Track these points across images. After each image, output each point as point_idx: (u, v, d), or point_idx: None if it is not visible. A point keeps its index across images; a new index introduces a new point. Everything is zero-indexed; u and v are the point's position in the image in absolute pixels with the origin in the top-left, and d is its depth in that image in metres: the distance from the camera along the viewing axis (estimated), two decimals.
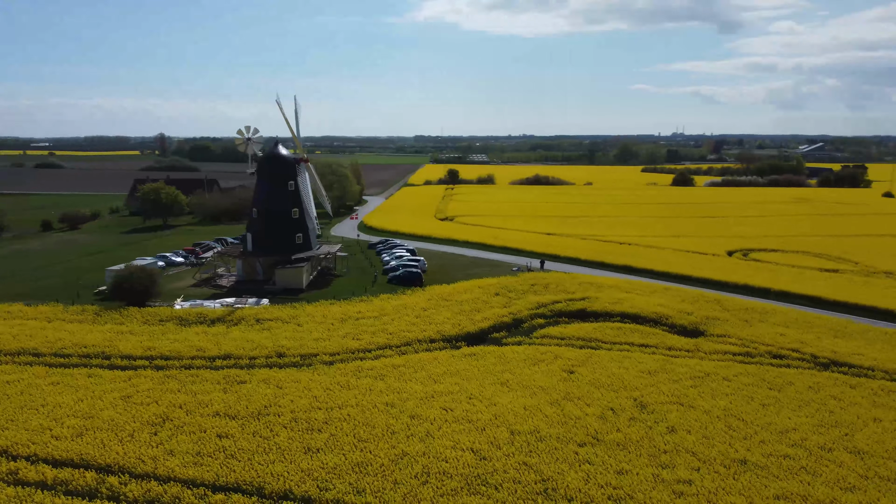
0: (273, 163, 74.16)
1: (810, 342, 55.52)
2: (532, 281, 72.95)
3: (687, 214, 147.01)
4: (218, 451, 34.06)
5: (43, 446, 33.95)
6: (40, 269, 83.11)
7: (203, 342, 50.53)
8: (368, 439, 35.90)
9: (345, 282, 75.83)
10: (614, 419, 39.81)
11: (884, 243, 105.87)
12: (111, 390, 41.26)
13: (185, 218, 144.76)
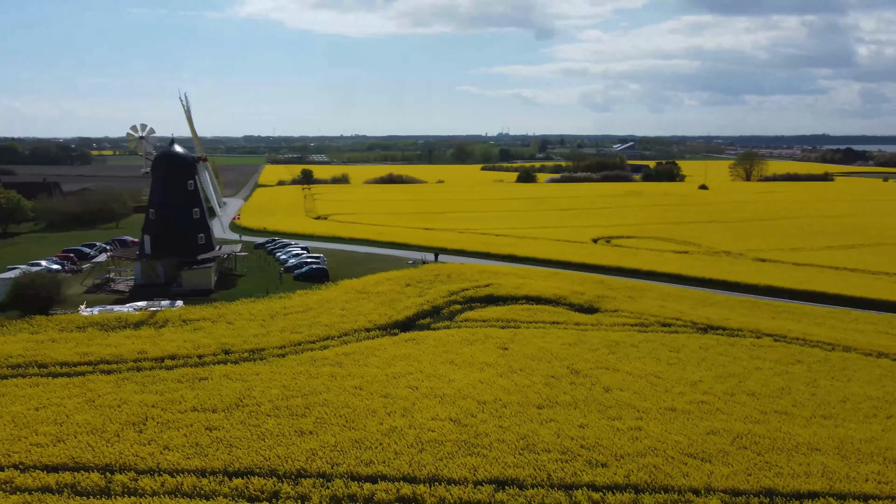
0: (172, 162, 71.90)
1: (687, 311, 64.28)
2: (435, 272, 76.83)
3: (544, 208, 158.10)
4: (214, 441, 34.62)
5: (26, 454, 32.65)
6: None
7: (140, 345, 49.19)
8: (354, 419, 37.97)
9: (249, 281, 75.25)
10: (558, 385, 44.72)
11: (714, 228, 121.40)
12: (69, 396, 39.71)
13: (27, 225, 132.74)
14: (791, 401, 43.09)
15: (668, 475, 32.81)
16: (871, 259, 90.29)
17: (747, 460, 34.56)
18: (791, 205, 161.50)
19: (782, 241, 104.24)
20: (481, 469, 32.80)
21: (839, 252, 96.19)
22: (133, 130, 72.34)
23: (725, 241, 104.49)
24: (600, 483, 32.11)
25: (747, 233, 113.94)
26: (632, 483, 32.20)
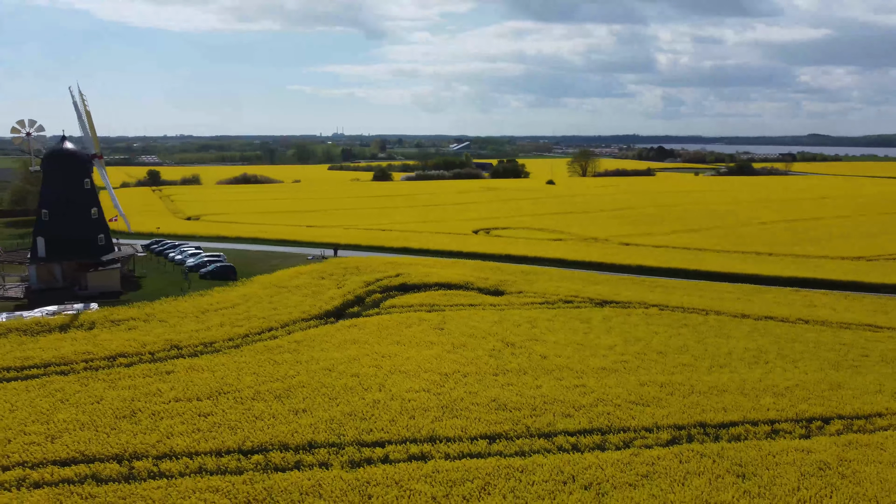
0: (67, 160, 67.80)
1: (581, 290, 71.85)
2: (343, 265, 78.89)
3: (415, 204, 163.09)
4: (214, 426, 35.57)
5: (26, 453, 31.83)
6: None
7: (81, 346, 47.44)
8: (337, 396, 40.26)
9: (154, 282, 72.89)
10: (501, 356, 49.47)
11: (575, 218, 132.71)
12: (37, 397, 38.32)
13: None
14: (691, 356, 50.95)
15: (621, 419, 38.62)
16: (711, 240, 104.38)
17: (676, 403, 41.25)
18: (630, 196, 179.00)
19: (636, 228, 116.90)
20: (470, 428, 36.68)
21: (684, 235, 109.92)
22: (19, 125, 67.43)
23: (590, 229, 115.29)
24: (572, 429, 37.19)
25: (604, 222, 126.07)
26: (596, 427, 37.61)
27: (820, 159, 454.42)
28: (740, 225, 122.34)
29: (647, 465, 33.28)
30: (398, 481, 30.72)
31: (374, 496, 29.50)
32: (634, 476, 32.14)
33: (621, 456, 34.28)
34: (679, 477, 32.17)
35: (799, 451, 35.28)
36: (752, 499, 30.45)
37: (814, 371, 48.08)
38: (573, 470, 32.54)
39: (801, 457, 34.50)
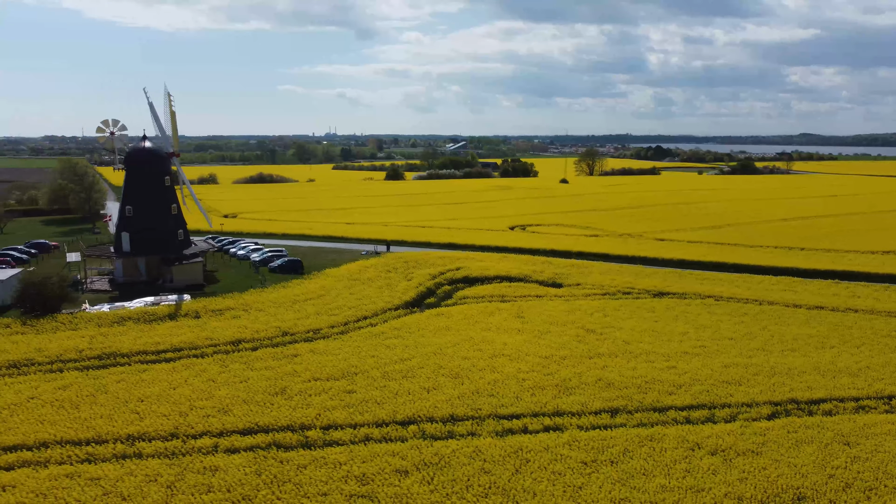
0: (149, 158, 70.61)
1: (634, 282, 75.02)
2: (403, 259, 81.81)
3: (440, 202, 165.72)
4: (362, 401, 38.57)
5: (207, 424, 34.82)
6: None
7: (202, 333, 50.38)
8: (457, 376, 43.33)
9: (228, 275, 75.66)
10: (587, 341, 52.63)
11: (601, 215, 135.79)
12: (189, 377, 41.26)
13: None
14: (760, 341, 54.22)
15: (719, 396, 41.84)
16: (740, 236, 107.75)
17: (763, 382, 44.49)
18: (645, 195, 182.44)
19: (665, 225, 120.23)
20: (590, 403, 39.84)
21: (712, 231, 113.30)
22: (104, 125, 70.09)
23: (621, 226, 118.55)
24: (679, 405, 40.41)
25: (631, 219, 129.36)
26: (699, 403, 40.82)
27: (816, 158, 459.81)
28: (763, 222, 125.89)
29: (759, 436, 36.46)
30: (547, 447, 33.84)
31: (530, 461, 32.59)
32: (752, 444, 35.34)
33: (732, 428, 37.46)
34: (791, 445, 35.39)
35: (889, 423, 38.56)
36: (863, 462, 33.67)
37: (878, 354, 51.37)
38: (696, 439, 35.73)
39: (893, 428, 37.76)
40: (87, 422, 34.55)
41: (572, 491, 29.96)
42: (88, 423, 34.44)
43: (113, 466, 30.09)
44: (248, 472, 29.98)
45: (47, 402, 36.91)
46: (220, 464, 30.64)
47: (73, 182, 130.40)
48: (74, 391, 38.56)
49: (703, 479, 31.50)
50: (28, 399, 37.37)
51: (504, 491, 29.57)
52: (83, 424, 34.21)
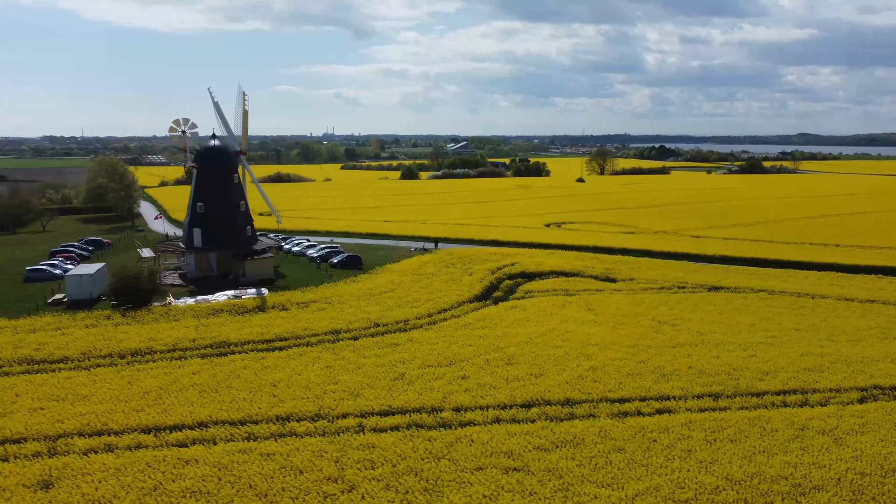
0: (219, 156, 72.44)
1: (685, 277, 76.96)
2: (456, 256, 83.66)
3: (463, 200, 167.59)
4: (478, 386, 40.46)
5: (343, 406, 36.71)
6: None
7: (299, 324, 52.24)
8: (557, 363, 45.23)
9: (292, 271, 77.57)
10: (662, 332, 54.54)
11: (630, 213, 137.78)
12: (305, 364, 43.19)
13: None
14: (826, 332, 56.13)
15: (806, 382, 43.72)
16: (773, 233, 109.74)
17: (843, 369, 46.36)
18: (665, 193, 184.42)
19: (697, 223, 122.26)
20: (689, 388, 41.75)
21: (745, 229, 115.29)
22: (175, 125, 71.95)
23: (653, 223, 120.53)
24: (773, 390, 42.33)
25: (661, 216, 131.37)
26: (790, 388, 42.72)
27: (820, 158, 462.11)
28: (790, 219, 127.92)
29: (858, 418, 38.35)
30: (667, 428, 35.75)
31: (656, 440, 34.49)
32: (854, 425, 37.22)
33: (829, 411, 39.35)
34: (892, 426, 37.30)
35: None
36: None
37: None
38: (800, 421, 37.63)
39: None
40: (234, 404, 36.41)
41: (704, 466, 31.83)
42: (235, 405, 36.30)
43: (277, 444, 31.96)
44: (404, 448, 31.86)
45: (188, 387, 38.76)
46: (373, 441, 32.51)
47: (114, 181, 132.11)
48: (207, 376, 40.44)
49: (821, 456, 33.38)
50: (169, 383, 39.23)
51: (644, 466, 31.46)
52: (231, 406, 36.07)
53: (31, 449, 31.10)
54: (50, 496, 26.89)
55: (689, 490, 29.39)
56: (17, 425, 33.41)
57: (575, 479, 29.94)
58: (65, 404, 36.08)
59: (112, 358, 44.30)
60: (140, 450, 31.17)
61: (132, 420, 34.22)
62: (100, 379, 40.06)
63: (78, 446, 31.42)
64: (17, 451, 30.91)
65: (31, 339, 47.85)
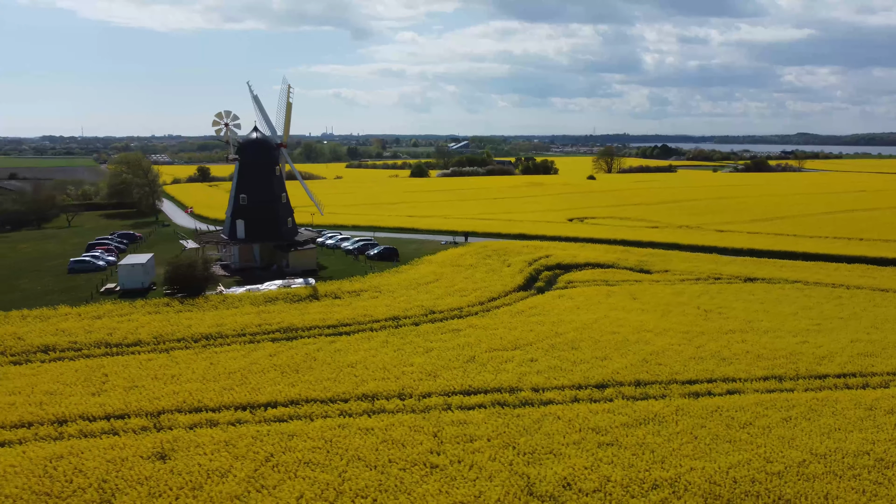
0: (262, 148, 73.21)
1: (718, 269, 77.62)
2: (490, 248, 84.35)
3: (478, 197, 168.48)
4: (549, 368, 41.27)
5: (423, 386, 37.49)
6: None
7: (356, 311, 53.02)
8: (619, 348, 45.99)
9: (331, 262, 78.33)
10: (711, 319, 55.34)
11: (651, 209, 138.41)
12: (375, 346, 44.04)
13: None
14: (868, 321, 56.88)
15: (863, 366, 44.51)
16: (794, 228, 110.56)
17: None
18: (680, 190, 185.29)
19: (716, 217, 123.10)
20: (751, 371, 42.55)
21: (766, 223, 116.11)
22: (218, 118, 72.60)
23: (675, 218, 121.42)
24: (833, 373, 43.14)
25: (682, 212, 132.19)
26: (848, 372, 43.54)
27: (822, 157, 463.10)
28: (808, 215, 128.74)
29: None
30: (741, 407, 36.53)
31: (734, 417, 35.27)
32: None
33: (892, 392, 40.17)
34: None
35: None
36: None
37: None
38: (867, 401, 38.40)
39: None
40: (319, 384, 37.18)
41: (786, 442, 32.60)
42: (321, 384, 37.07)
43: (371, 420, 32.73)
44: (496, 424, 32.65)
45: (268, 368, 39.54)
46: (464, 418, 33.29)
47: (139, 176, 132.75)
48: (286, 358, 41.23)
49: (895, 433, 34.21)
50: (250, 365, 40.01)
51: (729, 442, 32.21)
52: (318, 386, 36.84)
53: (137, 424, 31.86)
54: (169, 466, 27.63)
55: (778, 463, 30.19)
56: (117, 402, 34.18)
57: (666, 452, 30.73)
58: (157, 383, 36.86)
59: (185, 341, 45.08)
60: (241, 425, 31.93)
61: (225, 398, 34.99)
62: (181, 361, 40.85)
63: (181, 421, 32.18)
64: (123, 425, 31.66)
65: (98, 324, 48.62)
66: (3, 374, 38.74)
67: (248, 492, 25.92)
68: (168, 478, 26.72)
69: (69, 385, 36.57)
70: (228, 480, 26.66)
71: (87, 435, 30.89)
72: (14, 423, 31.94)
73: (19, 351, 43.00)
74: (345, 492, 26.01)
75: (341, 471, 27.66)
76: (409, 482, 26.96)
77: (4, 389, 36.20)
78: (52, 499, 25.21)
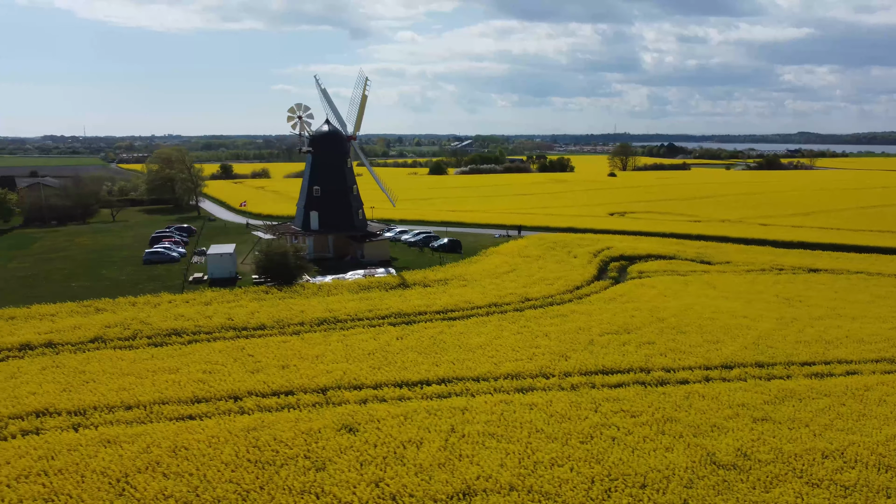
0: (334, 141, 74.11)
1: (776, 261, 78.41)
2: (550, 241, 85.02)
3: (507, 193, 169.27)
4: (669, 351, 42.17)
5: (518, 367, 38.45)
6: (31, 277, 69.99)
7: (456, 298, 53.94)
8: (728, 332, 46.77)
9: (398, 253, 79.24)
10: (794, 306, 56.28)
11: (685, 204, 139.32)
12: (498, 329, 45.07)
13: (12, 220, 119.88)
14: None
15: None
16: (835, 221, 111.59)
17: None
18: (705, 187, 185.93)
19: (755, 211, 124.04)
20: (859, 354, 43.47)
21: (805, 217, 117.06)
22: (291, 112, 73.52)
23: (713, 212, 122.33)
24: None
25: (718, 206, 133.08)
26: None
27: (829, 155, 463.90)
28: (843, 209, 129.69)
29: None
30: (867, 386, 37.43)
31: (865, 397, 36.20)
32: None
33: None
34: None
35: None
36: None
37: None
38: None
39: None
40: (461, 363, 38.18)
41: None
42: (463, 364, 38.08)
43: (528, 396, 33.68)
44: (649, 400, 33.60)
45: (403, 349, 40.50)
46: (615, 395, 34.25)
47: (182, 172, 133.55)
48: (414, 341, 42.24)
49: None
50: (383, 346, 41.03)
51: (875, 417, 33.05)
52: (461, 366, 37.83)
53: (309, 400, 32.82)
54: (362, 438, 28.56)
55: None
56: (280, 379, 35.15)
57: (820, 427, 31.64)
58: (305, 362, 37.82)
59: (306, 325, 46.12)
60: (407, 401, 32.88)
61: (379, 376, 35.94)
62: (315, 342, 41.83)
63: (348, 397, 33.13)
64: (294, 402, 32.62)
65: (211, 310, 49.59)
66: (151, 354, 39.66)
67: (448, 459, 26.87)
68: (366, 448, 27.67)
69: (222, 364, 37.52)
70: (424, 449, 27.60)
71: (265, 409, 31.85)
72: (189, 398, 32.89)
73: (151, 334, 43.95)
74: (541, 461, 26.96)
75: (526, 442, 28.61)
76: (596, 452, 27.90)
77: (161, 367, 37.17)
78: (267, 466, 26.14)
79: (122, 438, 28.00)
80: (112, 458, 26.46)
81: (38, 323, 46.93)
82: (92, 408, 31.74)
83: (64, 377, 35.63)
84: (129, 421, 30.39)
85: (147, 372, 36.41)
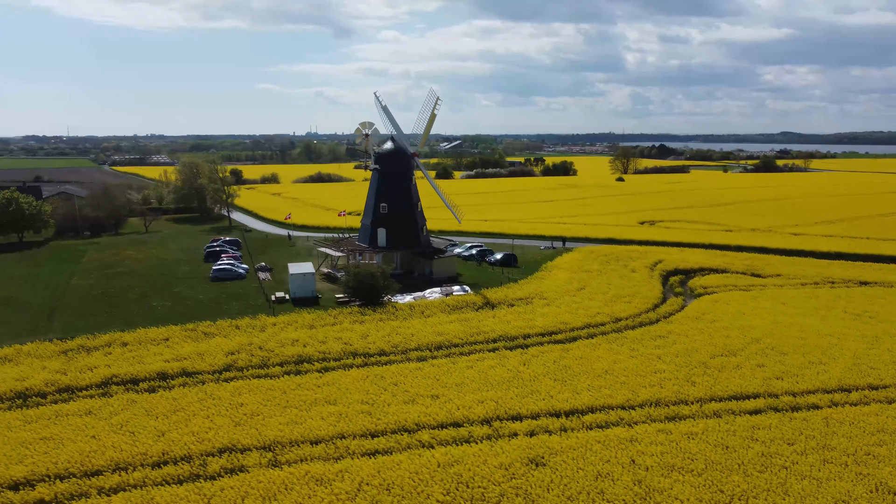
0: (400, 158, 75.07)
1: (826, 273, 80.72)
2: (602, 253, 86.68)
3: (525, 200, 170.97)
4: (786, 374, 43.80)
5: (637, 397, 39.91)
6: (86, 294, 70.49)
7: (548, 319, 55.27)
8: (825, 351, 48.55)
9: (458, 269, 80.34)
10: (868, 322, 58.18)
11: (708, 211, 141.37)
12: (611, 353, 46.43)
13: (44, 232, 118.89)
14: None
15: None
16: (867, 230, 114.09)
17: None
18: (720, 192, 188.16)
19: (782, 220, 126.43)
20: None
21: (832, 226, 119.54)
22: (361, 127, 74.44)
23: (741, 221, 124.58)
24: None
25: (742, 214, 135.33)
26: None
27: (819, 157, 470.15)
28: (865, 217, 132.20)
29: None
30: None
31: None
32: None
33: None
34: None
35: None
36: None
37: None
38: None
39: None
40: (603, 390, 39.57)
41: None
42: (607, 391, 39.46)
43: (683, 425, 35.09)
44: (794, 426, 35.16)
45: (538, 375, 41.77)
46: (757, 423, 35.80)
47: (214, 181, 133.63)
48: (540, 366, 43.59)
49: None
50: (516, 373, 42.32)
51: None
52: (601, 393, 39.20)
53: (480, 432, 33.96)
54: (555, 472, 29.81)
55: None
56: (439, 410, 36.26)
57: None
58: (450, 391, 39.01)
59: (425, 351, 47.22)
60: (572, 432, 34.20)
61: (532, 406, 37.21)
62: (446, 370, 42.90)
63: (533, 427, 34.54)
64: (466, 434, 33.74)
65: (321, 334, 50.45)
66: (297, 384, 40.49)
67: (647, 493, 28.18)
68: (565, 482, 28.89)
69: (375, 395, 38.52)
70: (619, 483, 28.89)
71: (442, 442, 32.99)
72: (360, 432, 33.88)
73: (279, 361, 44.81)
74: (735, 494, 28.38)
75: (707, 475, 30.01)
76: (777, 483, 29.36)
77: (317, 399, 38.08)
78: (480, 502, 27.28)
79: (329, 476, 29.01)
80: (331, 499, 27.39)
81: (156, 349, 47.58)
82: (275, 442, 32.66)
83: (226, 410, 36.48)
84: (320, 457, 31.36)
85: (304, 403, 37.36)
